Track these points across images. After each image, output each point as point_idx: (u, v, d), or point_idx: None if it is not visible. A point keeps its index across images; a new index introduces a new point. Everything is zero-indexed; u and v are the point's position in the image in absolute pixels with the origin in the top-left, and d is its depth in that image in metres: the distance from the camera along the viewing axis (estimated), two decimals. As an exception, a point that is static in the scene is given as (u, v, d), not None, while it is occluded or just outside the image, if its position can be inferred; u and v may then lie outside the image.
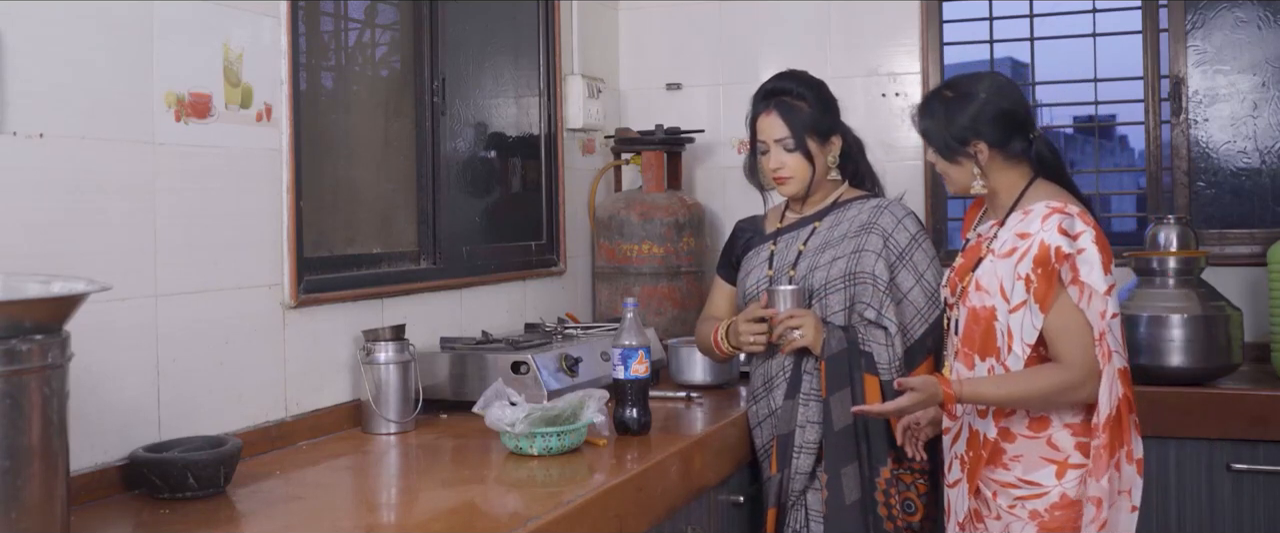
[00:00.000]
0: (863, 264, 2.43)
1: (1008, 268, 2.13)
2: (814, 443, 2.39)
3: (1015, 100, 2.20)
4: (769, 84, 2.55)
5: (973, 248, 2.26)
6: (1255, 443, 2.78)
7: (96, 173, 1.91)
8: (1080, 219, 2.10)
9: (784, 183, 2.52)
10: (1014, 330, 2.11)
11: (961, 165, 2.21)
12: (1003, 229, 2.19)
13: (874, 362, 2.37)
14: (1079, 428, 2.12)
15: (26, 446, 1.38)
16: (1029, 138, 2.19)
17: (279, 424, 2.29)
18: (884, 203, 2.53)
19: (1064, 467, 2.11)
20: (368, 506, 1.96)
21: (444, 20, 2.94)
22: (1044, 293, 2.07)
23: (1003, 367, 2.13)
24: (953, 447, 2.26)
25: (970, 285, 2.20)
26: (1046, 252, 2.07)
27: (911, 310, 2.43)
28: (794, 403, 2.42)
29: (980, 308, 2.17)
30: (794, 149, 2.49)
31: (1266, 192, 3.39)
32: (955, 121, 2.18)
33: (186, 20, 2.10)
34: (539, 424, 2.15)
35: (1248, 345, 3.11)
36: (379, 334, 2.45)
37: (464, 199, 3.05)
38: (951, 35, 3.65)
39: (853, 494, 2.33)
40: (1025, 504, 2.13)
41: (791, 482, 2.40)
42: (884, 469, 2.35)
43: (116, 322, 1.93)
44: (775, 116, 2.50)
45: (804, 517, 2.40)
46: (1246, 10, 3.39)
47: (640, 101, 3.91)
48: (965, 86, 2.21)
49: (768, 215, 2.68)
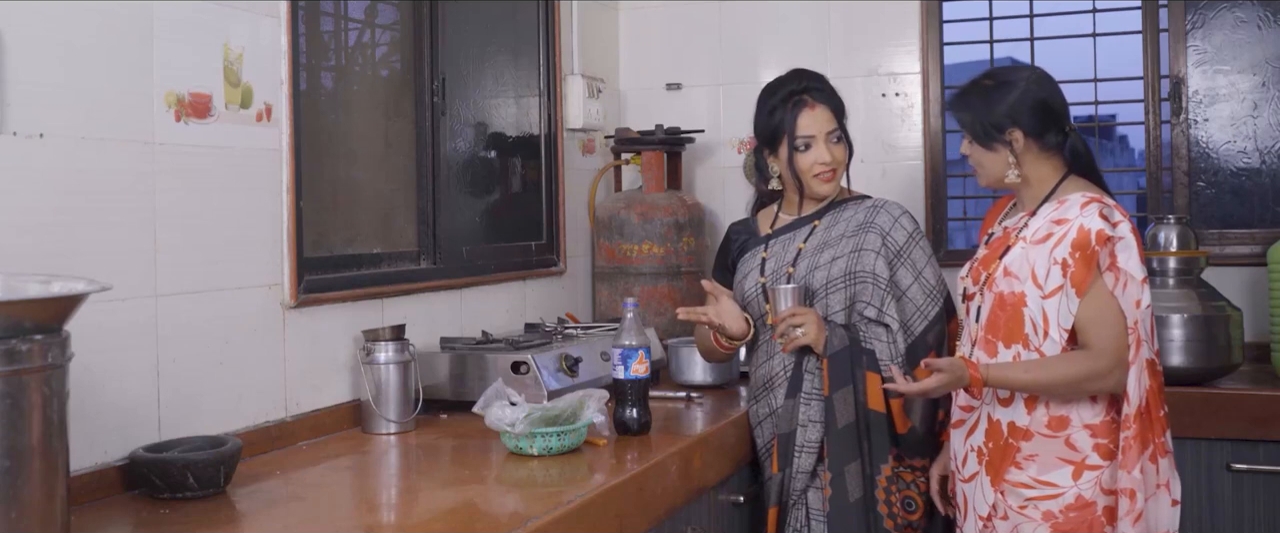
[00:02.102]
0: (863, 263, 2.43)
1: (1042, 254, 2.12)
2: (815, 442, 2.39)
3: (1053, 92, 2.22)
4: (801, 82, 2.51)
5: (999, 240, 2.25)
6: (1255, 443, 2.78)
7: (96, 173, 1.91)
8: (1117, 210, 2.12)
9: (831, 179, 2.50)
10: (1050, 316, 2.10)
11: (997, 153, 2.21)
12: (1034, 219, 2.19)
13: (876, 359, 2.37)
14: (1099, 428, 2.10)
15: (26, 446, 1.38)
16: (1064, 131, 2.20)
17: (279, 424, 2.29)
18: (880, 203, 2.53)
19: (1081, 468, 2.10)
20: (368, 506, 1.96)
21: (444, 20, 2.94)
22: (1082, 277, 2.06)
23: (1038, 353, 2.11)
24: (968, 439, 2.24)
25: (997, 272, 2.18)
26: (1086, 236, 2.07)
27: (911, 307, 2.43)
28: (795, 402, 2.42)
29: (1008, 294, 2.15)
30: (840, 141, 2.49)
31: (1266, 192, 3.39)
32: (994, 109, 2.19)
33: (186, 20, 2.10)
34: (539, 424, 2.15)
35: (1248, 345, 3.10)
36: (379, 334, 2.45)
37: (464, 199, 3.05)
38: (951, 35, 3.65)
39: (855, 492, 2.33)
40: (1038, 505, 2.11)
41: (793, 481, 2.40)
42: (885, 467, 2.36)
43: (116, 322, 1.93)
44: (824, 109, 2.48)
45: (805, 515, 2.40)
46: (1246, 10, 3.39)
47: (640, 101, 3.91)
48: (1005, 76, 2.24)
49: (758, 218, 2.67)
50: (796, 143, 2.48)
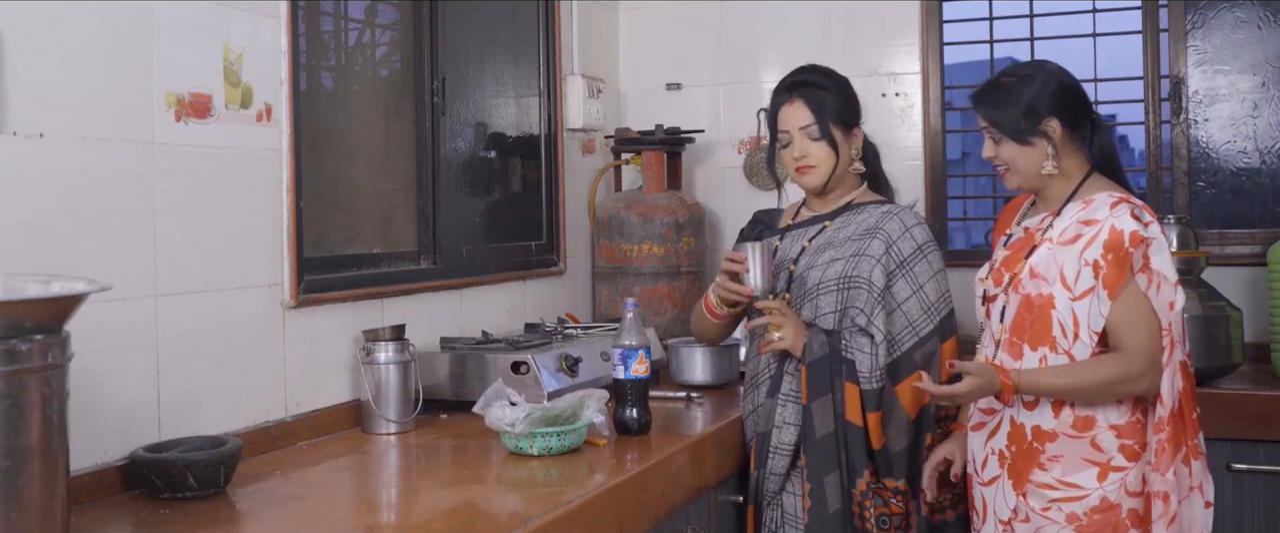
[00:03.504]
0: (860, 268, 2.37)
1: (1071, 255, 2.08)
2: (789, 445, 2.35)
3: (1075, 81, 2.18)
4: (792, 76, 2.51)
5: (1021, 240, 2.20)
6: (1255, 443, 2.77)
7: (96, 173, 1.91)
8: (1146, 210, 2.08)
9: (807, 173, 2.46)
10: (1080, 319, 2.06)
11: (1034, 147, 2.14)
12: (1059, 218, 2.14)
13: (855, 370, 2.31)
14: (1124, 429, 2.07)
15: (26, 446, 1.38)
16: (1091, 123, 2.16)
17: (279, 424, 2.29)
18: (894, 209, 2.47)
19: (1106, 469, 2.06)
20: (368, 506, 1.96)
21: (444, 20, 2.94)
22: (1114, 279, 2.02)
23: (1068, 356, 2.07)
24: (988, 442, 2.20)
25: (1022, 273, 2.14)
26: (1119, 236, 2.03)
27: (902, 322, 2.35)
28: (773, 402, 2.39)
29: (1036, 296, 2.11)
30: (819, 138, 2.44)
31: (1266, 192, 3.39)
32: (1025, 101, 2.14)
33: (186, 20, 2.10)
34: (539, 424, 2.15)
35: (1248, 345, 3.10)
36: (379, 334, 2.45)
37: (464, 199, 3.05)
38: (951, 35, 3.65)
39: (835, 504, 2.29)
40: (1062, 507, 2.07)
41: (766, 482, 2.37)
42: (861, 480, 2.30)
43: (116, 322, 1.93)
44: (800, 104, 2.46)
45: (779, 517, 2.38)
46: (1246, 10, 3.39)
47: (640, 101, 3.91)
48: (1024, 70, 2.20)
49: (786, 211, 2.66)
50: (779, 137, 2.49)
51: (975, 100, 2.23)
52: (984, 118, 2.20)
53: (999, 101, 2.17)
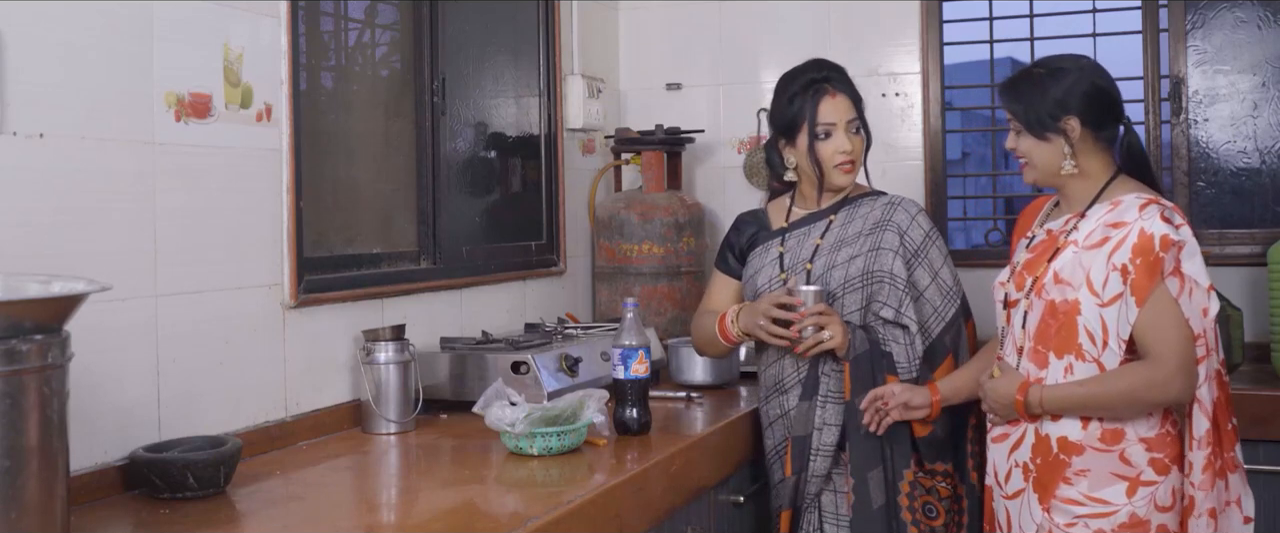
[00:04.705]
0: (881, 262, 2.37)
1: (1098, 259, 2.00)
2: (831, 446, 2.35)
3: (1109, 82, 2.11)
4: (818, 71, 2.46)
5: (1044, 243, 2.13)
6: (1255, 443, 2.77)
7: (96, 173, 1.91)
8: (1177, 213, 2.01)
9: (850, 170, 2.44)
10: (1109, 326, 1.98)
11: (1051, 144, 2.08)
12: (1084, 221, 2.06)
13: (894, 362, 2.33)
14: (1154, 442, 2.00)
15: (26, 446, 1.38)
16: (1119, 126, 2.11)
17: (279, 424, 2.29)
18: (897, 200, 2.47)
19: (1136, 484, 1.99)
20: (368, 506, 1.96)
21: (444, 20, 2.94)
22: (1143, 284, 1.94)
23: (1098, 365, 1.99)
24: (1012, 454, 2.12)
25: (1047, 278, 2.06)
26: (1149, 240, 1.95)
27: (928, 308, 2.38)
28: (811, 404, 2.37)
29: (1060, 302, 2.03)
30: (858, 132, 2.45)
31: (1266, 192, 3.39)
32: (1048, 95, 2.07)
33: (186, 20, 2.10)
34: (539, 424, 2.15)
35: (1248, 345, 3.10)
36: (379, 334, 2.45)
37: (464, 199, 3.05)
38: (951, 35, 3.65)
39: (878, 499, 2.29)
40: (1089, 523, 2.00)
41: (807, 485, 2.36)
42: (908, 472, 2.31)
43: (116, 322, 1.93)
44: (843, 97, 2.43)
45: (817, 519, 2.38)
46: (1246, 10, 3.39)
47: (640, 101, 3.91)
48: (1057, 62, 2.13)
49: (769, 210, 2.61)
50: (817, 131, 2.41)
51: (1001, 87, 2.18)
52: (1005, 107, 2.16)
53: (1022, 92, 2.12)
